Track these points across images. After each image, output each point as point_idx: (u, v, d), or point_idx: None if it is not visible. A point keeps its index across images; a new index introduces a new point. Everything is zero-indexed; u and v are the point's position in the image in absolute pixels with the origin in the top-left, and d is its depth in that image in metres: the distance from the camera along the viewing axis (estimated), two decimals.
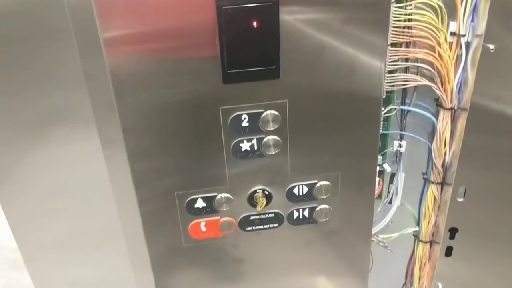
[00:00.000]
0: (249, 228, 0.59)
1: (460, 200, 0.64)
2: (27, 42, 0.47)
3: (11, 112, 0.47)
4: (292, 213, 0.59)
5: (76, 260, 0.61)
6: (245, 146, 0.54)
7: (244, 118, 0.53)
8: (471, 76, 0.59)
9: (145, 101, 0.50)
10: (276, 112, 0.53)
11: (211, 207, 0.57)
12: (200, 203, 0.57)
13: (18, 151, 0.49)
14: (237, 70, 0.49)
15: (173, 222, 0.58)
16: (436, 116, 0.64)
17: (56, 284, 0.64)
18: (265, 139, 0.54)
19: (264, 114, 0.53)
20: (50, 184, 0.53)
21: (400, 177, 0.69)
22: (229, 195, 0.57)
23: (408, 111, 0.65)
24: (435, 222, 0.71)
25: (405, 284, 0.79)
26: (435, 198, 0.69)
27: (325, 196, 0.59)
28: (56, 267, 0.61)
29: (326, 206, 0.59)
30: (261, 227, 0.59)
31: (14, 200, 0.54)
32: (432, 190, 0.69)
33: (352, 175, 0.58)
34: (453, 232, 0.66)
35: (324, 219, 0.60)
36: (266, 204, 0.57)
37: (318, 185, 0.58)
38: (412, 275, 0.77)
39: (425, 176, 0.70)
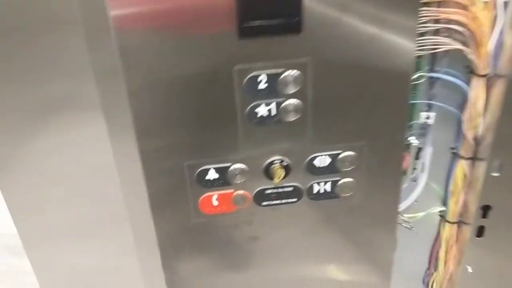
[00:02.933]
0: (264, 203, 0.54)
1: (495, 175, 0.58)
2: (30, 27, 0.44)
3: (14, 98, 0.45)
4: (312, 187, 0.54)
5: (78, 247, 0.58)
6: (262, 111, 0.49)
7: (261, 80, 0.47)
8: (509, 39, 0.53)
9: (153, 63, 0.44)
10: (297, 72, 0.47)
11: (224, 179, 0.52)
12: (212, 175, 0.51)
13: (21, 137, 0.47)
14: (254, 23, 0.43)
15: (183, 196, 0.52)
16: (469, 84, 0.58)
17: (57, 271, 0.60)
18: (284, 103, 0.48)
19: (284, 75, 0.47)
20: (52, 170, 0.50)
21: (428, 152, 0.63)
22: (243, 166, 0.51)
23: (438, 78, 0.59)
24: (464, 201, 0.65)
25: (428, 268, 0.74)
26: (465, 175, 0.63)
27: (349, 169, 0.53)
28: (57, 254, 0.57)
29: (350, 179, 0.54)
30: (278, 202, 0.54)
31: (15, 186, 0.51)
32: (462, 166, 0.63)
33: (379, 146, 0.52)
34: (486, 210, 0.60)
35: (347, 194, 0.55)
36: (284, 177, 0.52)
37: (342, 155, 0.52)
38: (437, 259, 0.72)
39: (454, 150, 0.64)
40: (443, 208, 0.67)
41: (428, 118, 0.61)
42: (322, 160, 0.52)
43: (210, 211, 0.53)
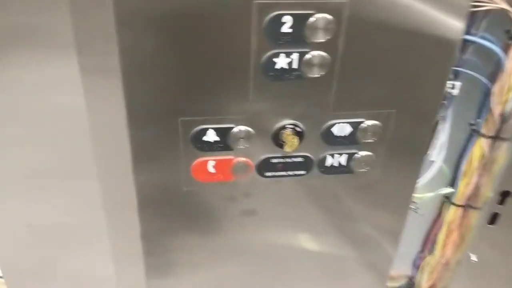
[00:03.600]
0: (268, 174, 0.45)
1: None
2: None
3: None
4: (324, 158, 0.46)
5: (36, 198, 0.48)
6: (281, 62, 0.39)
7: (286, 21, 0.37)
8: None
9: None
10: (329, 17, 0.37)
11: (224, 143, 0.42)
12: (210, 136, 0.42)
13: None
14: None
15: (173, 158, 0.43)
16: (506, 52, 0.51)
17: (11, 225, 0.50)
18: (309, 55, 0.39)
19: (313, 18, 0.37)
20: (8, 108, 0.41)
21: (446, 127, 0.56)
22: (249, 129, 0.42)
23: (472, 43, 0.51)
24: (476, 183, 0.59)
25: (422, 251, 0.68)
26: (483, 155, 0.57)
27: (370, 140, 0.45)
28: (11, 204, 0.48)
29: (369, 153, 0.46)
30: (283, 173, 0.46)
31: None
32: (481, 144, 0.56)
33: (408, 117, 0.44)
34: (504, 196, 0.54)
35: (363, 170, 0.47)
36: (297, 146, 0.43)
37: (365, 124, 0.44)
38: (434, 242, 0.66)
39: (474, 127, 0.57)
40: (451, 190, 0.61)
41: (452, 87, 0.54)
42: (342, 128, 0.44)
43: (204, 178, 0.44)
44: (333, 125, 0.44)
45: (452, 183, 0.62)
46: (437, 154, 0.56)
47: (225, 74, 0.39)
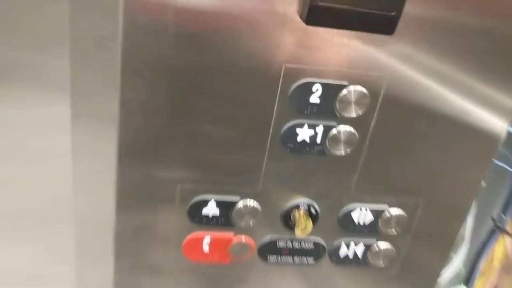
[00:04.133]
0: (272, 259, 0.39)
1: None
2: None
3: None
4: (339, 247, 0.39)
5: (3, 245, 0.42)
6: (304, 133, 0.34)
7: (316, 90, 0.32)
8: None
9: (160, 43, 0.29)
10: (364, 91, 0.33)
11: (225, 217, 0.36)
12: (211, 208, 0.36)
13: None
14: (333, 6, 0.28)
15: (164, 227, 0.36)
16: None
17: None
18: (337, 129, 0.34)
19: (346, 90, 0.32)
20: None
21: (469, 220, 0.50)
22: (256, 204, 0.36)
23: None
24: (495, 286, 0.53)
25: None
26: (505, 255, 0.51)
27: (393, 232, 0.39)
28: None
29: (389, 246, 0.40)
30: (289, 259, 0.39)
31: None
32: (504, 244, 0.51)
33: (437, 208, 0.39)
34: None
35: (381, 265, 0.40)
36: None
37: (387, 213, 0.38)
38: None
39: (499, 223, 0.51)
40: None
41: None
42: (362, 215, 0.38)
43: (195, 257, 0.37)
44: (353, 209, 0.38)
45: (467, 280, 0.55)
46: (458, 251, 0.51)
47: (238, 140, 0.34)
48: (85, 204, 0.39)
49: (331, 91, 0.32)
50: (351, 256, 0.40)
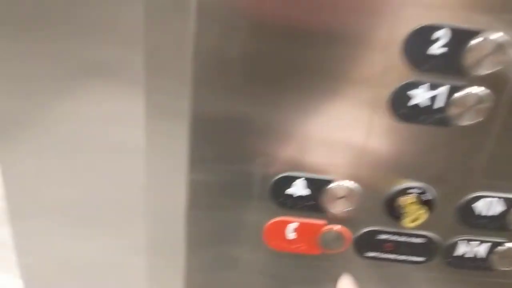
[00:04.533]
0: (370, 254, 0.32)
1: None
2: None
3: (55, 57, 0.33)
4: (455, 245, 0.31)
5: (76, 234, 0.41)
6: (420, 96, 0.27)
7: (439, 37, 0.25)
8: None
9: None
10: (506, 39, 0.24)
11: (315, 200, 0.30)
12: (298, 188, 0.30)
13: (45, 99, 0.35)
14: None
15: (242, 212, 0.31)
16: None
17: (46, 261, 0.43)
18: (464, 91, 0.26)
19: (480, 38, 0.24)
20: (68, 141, 0.36)
21: None
22: (355, 186, 0.29)
23: None
24: None
25: None
26: None
27: None
28: (49, 239, 0.41)
29: None
30: (392, 256, 0.32)
31: (21, 149, 0.37)
32: None
33: None
34: None
35: (508, 268, 0.32)
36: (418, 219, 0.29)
37: None
38: None
39: None
40: None
41: None
42: (489, 205, 0.30)
43: (279, 245, 0.31)
44: (477, 198, 0.30)
45: None
46: None
47: (336, 100, 0.27)
48: (157, 198, 0.35)
49: (458, 40, 0.25)
50: (470, 255, 0.31)
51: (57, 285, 0.43)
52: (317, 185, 0.29)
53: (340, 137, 0.28)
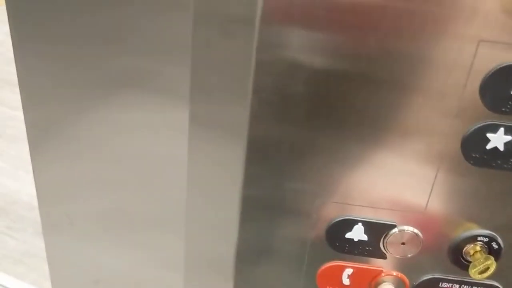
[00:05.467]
0: None
1: None
2: None
3: (92, 66, 0.32)
4: None
5: (109, 249, 0.40)
6: (497, 139, 0.24)
7: None
8: None
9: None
10: None
11: (375, 246, 0.28)
12: (357, 232, 0.27)
13: (85, 106, 0.34)
14: None
15: (295, 252, 0.29)
16: None
17: (76, 279, 0.41)
18: None
19: None
20: (107, 150, 0.35)
21: None
22: (417, 232, 0.27)
23: None
24: None
25: None
26: None
27: None
28: (80, 255, 0.40)
29: None
30: None
31: (59, 161, 0.36)
32: None
33: None
34: None
35: None
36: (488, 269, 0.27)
37: None
38: None
39: None
40: None
41: None
42: None
43: None
44: None
45: None
46: None
47: (406, 140, 0.25)
48: (198, 212, 0.34)
49: None
50: None
51: None
52: (379, 230, 0.27)
53: (406, 180, 0.26)
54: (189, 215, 0.34)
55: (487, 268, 0.26)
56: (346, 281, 0.29)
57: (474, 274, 0.26)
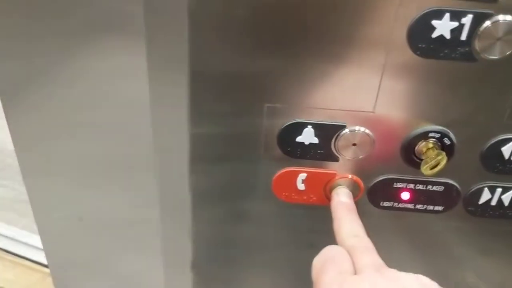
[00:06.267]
0: (386, 204, 0.29)
1: None
2: None
3: (55, 15, 0.31)
4: (479, 192, 0.29)
5: (89, 189, 0.40)
6: (443, 27, 0.23)
7: None
8: None
9: None
10: None
11: (326, 148, 0.27)
12: (308, 136, 0.27)
13: (55, 55, 0.33)
14: None
15: (249, 162, 0.28)
16: None
17: (61, 217, 0.42)
18: (492, 19, 0.23)
19: None
20: (75, 97, 0.34)
21: None
22: (368, 132, 0.27)
23: None
24: None
25: None
26: None
27: None
28: (64, 195, 0.41)
29: None
30: (410, 205, 0.29)
31: (30, 110, 0.36)
32: None
33: None
34: None
35: None
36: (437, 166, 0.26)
37: None
38: None
39: None
40: None
41: None
42: None
43: (288, 197, 0.29)
44: (504, 141, 0.27)
45: None
46: None
47: (348, 40, 0.24)
48: (164, 151, 0.33)
49: None
50: (493, 203, 0.29)
51: (73, 240, 0.43)
52: (329, 132, 0.27)
53: (352, 80, 0.25)
54: (157, 155, 0.33)
55: (438, 163, 0.26)
56: (301, 186, 0.29)
57: (425, 170, 0.26)
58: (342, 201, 0.27)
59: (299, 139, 0.27)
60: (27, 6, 0.29)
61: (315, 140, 0.27)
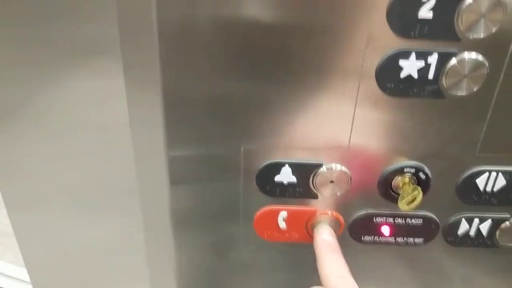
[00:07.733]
0: (367, 239, 0.29)
1: None
2: None
3: (37, 41, 0.30)
4: (457, 224, 0.28)
5: (73, 219, 0.39)
6: (410, 67, 0.23)
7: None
8: None
9: None
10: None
11: (305, 186, 0.27)
12: (286, 175, 0.27)
13: (36, 83, 0.32)
14: None
15: (229, 202, 0.28)
16: None
17: (47, 249, 0.41)
18: (457, 58, 0.23)
19: None
20: (52, 123, 0.33)
21: None
22: (344, 169, 0.26)
23: None
24: None
25: None
26: None
27: None
28: (47, 226, 0.39)
29: None
30: (391, 239, 0.29)
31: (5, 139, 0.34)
32: None
33: None
34: None
35: None
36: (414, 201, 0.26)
37: None
38: None
39: None
40: None
41: None
42: (491, 181, 0.27)
43: (270, 235, 0.29)
44: (478, 174, 0.27)
45: None
46: None
47: (320, 78, 0.24)
48: (146, 176, 0.33)
49: (449, 2, 0.22)
50: (472, 234, 0.29)
51: (60, 272, 0.41)
52: (306, 170, 0.26)
53: (327, 116, 0.25)
54: (138, 179, 0.33)
55: (414, 199, 0.26)
56: (282, 224, 0.28)
57: (402, 205, 0.26)
58: (325, 240, 0.27)
59: (277, 178, 0.27)
60: (6, 34, 0.28)
61: (293, 179, 0.27)
